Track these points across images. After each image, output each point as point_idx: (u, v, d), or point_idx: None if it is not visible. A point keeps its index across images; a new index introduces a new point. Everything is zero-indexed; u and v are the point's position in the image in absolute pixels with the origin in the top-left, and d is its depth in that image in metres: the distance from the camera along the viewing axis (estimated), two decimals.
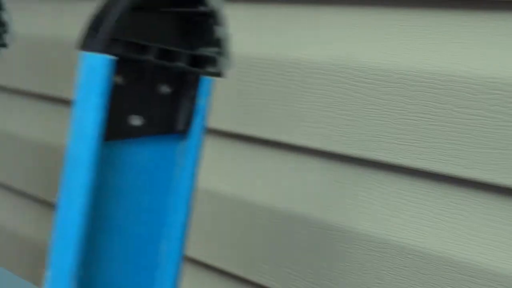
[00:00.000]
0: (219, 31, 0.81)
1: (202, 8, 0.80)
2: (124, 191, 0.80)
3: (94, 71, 0.73)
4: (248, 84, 1.10)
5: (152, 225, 0.83)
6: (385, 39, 0.93)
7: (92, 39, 0.73)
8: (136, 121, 0.78)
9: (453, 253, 0.87)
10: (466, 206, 0.86)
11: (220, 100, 1.15)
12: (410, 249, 0.91)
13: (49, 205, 1.54)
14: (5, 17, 1.15)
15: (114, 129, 0.75)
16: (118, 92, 0.75)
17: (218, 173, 1.18)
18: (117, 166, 0.79)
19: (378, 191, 0.95)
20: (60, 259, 0.76)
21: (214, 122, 1.16)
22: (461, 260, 0.86)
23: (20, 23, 1.43)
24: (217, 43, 0.81)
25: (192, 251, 1.23)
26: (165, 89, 0.80)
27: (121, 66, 0.74)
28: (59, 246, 0.76)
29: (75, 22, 1.37)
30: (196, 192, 1.14)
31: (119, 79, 0.75)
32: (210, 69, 0.80)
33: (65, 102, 1.49)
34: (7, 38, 1.15)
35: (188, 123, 0.81)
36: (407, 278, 0.91)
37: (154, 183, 0.82)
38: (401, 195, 0.93)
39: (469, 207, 0.86)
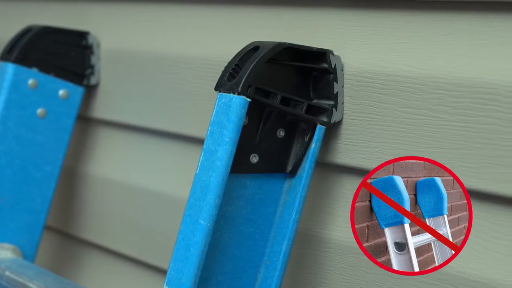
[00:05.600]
0: (336, 87, 0.89)
1: (324, 65, 0.89)
2: (231, 219, 0.87)
3: (230, 109, 0.81)
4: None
5: (254, 253, 0.89)
6: (330, 39, 0.93)
7: (231, 82, 0.82)
8: (253, 158, 0.87)
9: None
10: None
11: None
12: (355, 249, 0.91)
13: None
14: None
15: (237, 164, 0.84)
16: (243, 131, 0.83)
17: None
18: (230, 196, 0.86)
19: (322, 190, 0.95)
20: (179, 277, 0.82)
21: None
22: None
23: None
24: (333, 97, 0.90)
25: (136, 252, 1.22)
26: (280, 133, 0.88)
27: (248, 108, 0.82)
28: (180, 266, 0.82)
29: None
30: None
31: (245, 120, 0.84)
32: (324, 118, 0.89)
33: None
34: None
35: (297, 164, 0.89)
36: (353, 278, 0.92)
37: (258, 215, 0.89)
38: (346, 194, 0.93)
39: None
